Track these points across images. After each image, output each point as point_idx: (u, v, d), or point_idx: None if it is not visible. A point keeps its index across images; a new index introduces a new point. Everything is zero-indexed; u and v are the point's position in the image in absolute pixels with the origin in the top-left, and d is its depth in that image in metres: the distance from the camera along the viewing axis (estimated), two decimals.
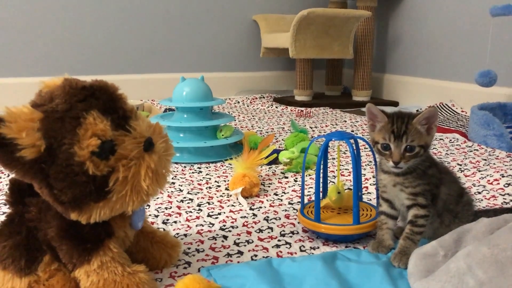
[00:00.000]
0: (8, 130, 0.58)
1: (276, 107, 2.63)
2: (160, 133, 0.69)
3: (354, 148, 0.91)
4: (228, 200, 1.15)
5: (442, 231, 0.85)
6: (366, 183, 1.27)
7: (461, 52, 2.43)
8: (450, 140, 1.74)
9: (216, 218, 1.03)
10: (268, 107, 2.66)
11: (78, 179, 0.61)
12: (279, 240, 0.92)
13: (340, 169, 1.40)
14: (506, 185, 1.21)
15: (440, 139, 1.76)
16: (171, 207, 1.09)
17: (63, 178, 0.61)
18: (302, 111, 2.45)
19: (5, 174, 1.36)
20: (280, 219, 1.03)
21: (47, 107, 0.62)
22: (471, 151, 1.58)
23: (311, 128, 2.04)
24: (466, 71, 2.39)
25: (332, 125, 2.12)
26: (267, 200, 1.15)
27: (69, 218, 0.65)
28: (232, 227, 0.98)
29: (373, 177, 1.31)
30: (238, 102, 2.81)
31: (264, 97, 2.94)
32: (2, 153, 0.59)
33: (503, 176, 1.26)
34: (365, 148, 1.64)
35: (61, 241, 0.67)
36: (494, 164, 1.40)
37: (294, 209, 1.09)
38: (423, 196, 0.82)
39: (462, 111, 2.35)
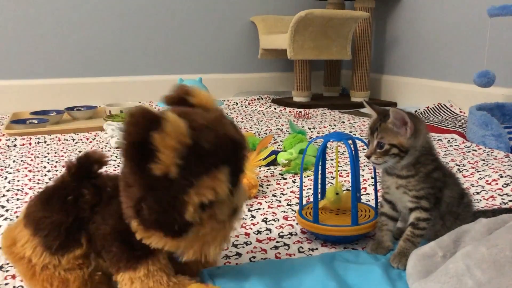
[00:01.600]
0: (159, 139, 0.56)
1: (275, 108, 2.63)
2: (246, 199, 0.70)
3: (353, 149, 0.91)
4: None
5: (443, 233, 0.84)
6: (364, 184, 1.27)
7: (459, 53, 2.43)
8: (449, 140, 1.74)
9: None
10: (267, 108, 2.66)
11: (171, 213, 0.60)
12: (277, 242, 0.92)
13: (339, 170, 1.40)
14: (505, 185, 1.21)
15: (439, 139, 1.76)
16: None
17: (161, 203, 0.59)
18: (300, 112, 2.45)
19: (8, 172, 1.35)
20: (278, 220, 1.03)
21: (197, 137, 0.59)
22: (469, 151, 1.58)
23: (310, 129, 2.04)
24: (464, 71, 2.39)
25: (331, 126, 2.12)
26: (265, 201, 1.15)
27: (128, 223, 0.63)
28: None
29: (372, 178, 1.31)
30: (237, 103, 2.81)
31: (262, 98, 2.94)
32: (135, 153, 0.57)
33: (501, 177, 1.26)
34: (363, 149, 1.64)
35: (113, 242, 0.65)
36: (492, 164, 1.40)
37: (292, 210, 1.09)
38: (427, 200, 0.81)
39: (461, 112, 2.35)
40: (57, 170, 1.41)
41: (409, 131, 0.80)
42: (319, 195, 0.97)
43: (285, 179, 1.34)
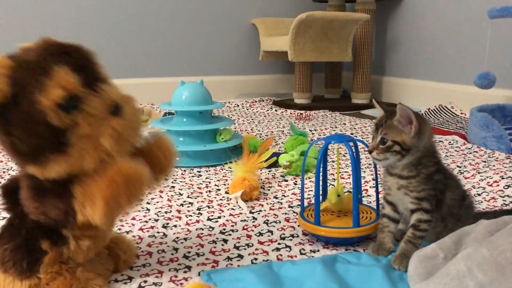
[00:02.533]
0: None
1: (276, 110, 2.64)
2: (132, 103, 0.68)
3: (354, 151, 0.91)
4: (228, 204, 1.15)
5: (445, 234, 0.84)
6: (365, 185, 1.27)
7: (460, 54, 2.44)
8: (450, 142, 1.74)
9: (216, 221, 1.03)
10: (268, 110, 2.66)
11: (37, 128, 0.61)
12: (279, 244, 0.92)
13: (340, 172, 1.40)
14: (506, 187, 1.21)
15: (440, 141, 1.77)
16: (171, 211, 1.09)
17: (23, 125, 0.61)
18: (301, 114, 2.46)
19: (3, 179, 1.36)
20: (280, 222, 1.03)
21: (20, 58, 0.63)
22: (470, 153, 1.58)
23: (311, 131, 2.04)
24: (465, 73, 2.40)
25: (332, 128, 2.12)
26: (267, 203, 1.15)
27: (26, 171, 0.64)
28: (232, 230, 0.98)
29: (373, 179, 1.31)
30: (238, 105, 2.81)
31: (263, 100, 2.94)
32: None
33: (502, 178, 1.26)
34: (364, 151, 1.64)
35: (42, 203, 0.65)
36: (493, 166, 1.40)
37: (294, 212, 1.09)
38: (428, 201, 0.82)
39: (462, 113, 2.35)
40: None
41: (413, 129, 0.80)
42: (321, 197, 0.97)
43: (286, 181, 1.34)
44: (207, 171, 1.43)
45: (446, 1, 2.49)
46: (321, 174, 0.94)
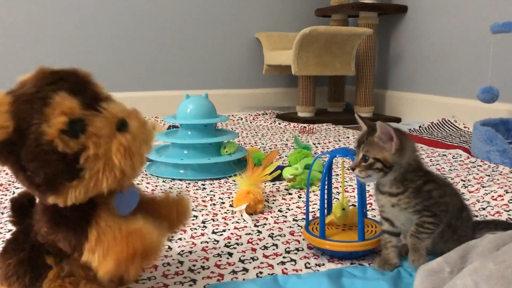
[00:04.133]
0: None
1: (279, 124, 2.65)
2: (137, 117, 0.68)
3: None
4: (233, 217, 1.15)
5: (441, 245, 0.85)
6: (370, 199, 1.27)
7: (463, 69, 2.45)
8: (453, 156, 1.74)
9: (221, 235, 1.03)
10: (271, 123, 2.67)
11: (48, 158, 0.61)
12: (284, 257, 0.92)
13: (345, 186, 1.40)
14: (511, 201, 1.21)
15: (443, 155, 1.77)
16: None
17: (34, 158, 0.61)
18: (305, 127, 2.47)
19: (10, 192, 1.36)
20: (285, 236, 1.03)
21: (17, 92, 0.63)
22: (474, 167, 1.58)
23: (314, 144, 2.05)
24: (468, 87, 2.40)
25: (335, 141, 2.12)
26: (271, 216, 1.15)
27: (47, 203, 0.64)
28: (237, 244, 0.98)
29: None
30: (241, 118, 2.82)
31: (267, 114, 2.96)
32: None
33: (507, 192, 1.26)
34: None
35: (54, 231, 0.66)
36: (497, 180, 1.40)
37: (298, 225, 1.09)
38: (428, 210, 0.81)
39: (465, 127, 2.35)
40: None
41: (394, 146, 0.80)
42: (326, 210, 0.97)
43: (290, 194, 1.34)
44: (211, 184, 1.44)
45: (449, 16, 2.51)
46: (326, 187, 0.94)
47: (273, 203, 1.26)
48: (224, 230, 1.06)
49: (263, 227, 1.08)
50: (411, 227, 0.83)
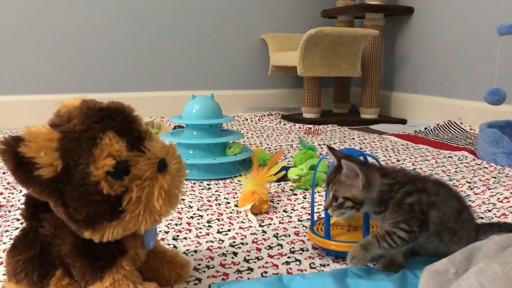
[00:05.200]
0: (27, 149, 0.60)
1: (284, 124, 2.65)
2: (174, 154, 0.70)
3: None
4: (238, 217, 1.15)
5: (442, 248, 0.84)
6: None
7: (470, 70, 2.44)
8: (459, 157, 1.74)
9: (226, 234, 1.04)
10: (276, 124, 2.67)
11: (92, 198, 0.63)
12: (289, 257, 0.92)
13: None
14: None
15: (449, 156, 1.76)
16: (181, 224, 1.10)
17: (78, 197, 0.62)
18: (310, 128, 2.47)
19: (17, 190, 1.37)
20: (289, 236, 1.03)
21: (65, 128, 0.64)
22: (480, 169, 1.58)
23: (320, 145, 2.05)
24: (475, 89, 2.40)
25: (341, 142, 2.12)
26: (276, 217, 1.16)
27: (82, 236, 0.66)
28: (242, 243, 0.99)
29: None
30: (247, 119, 2.83)
31: (272, 114, 2.96)
32: (21, 172, 0.61)
33: None
34: None
35: (75, 257, 0.68)
36: (504, 182, 1.39)
37: (303, 226, 1.09)
38: (406, 223, 0.80)
39: (471, 129, 2.35)
40: None
41: (361, 183, 0.78)
42: None
43: (295, 195, 1.34)
44: (216, 184, 1.44)
45: (455, 17, 2.50)
46: None
47: (278, 203, 1.26)
48: (229, 230, 1.06)
49: (268, 227, 1.08)
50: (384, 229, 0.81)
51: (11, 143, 0.60)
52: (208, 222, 1.12)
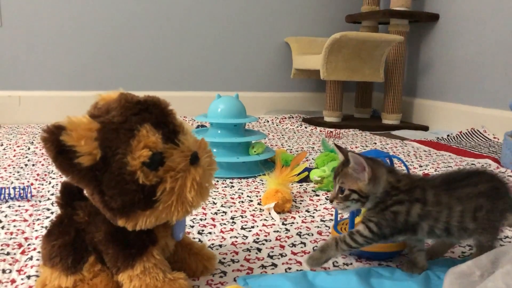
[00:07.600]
0: (68, 138, 0.62)
1: (305, 127, 2.66)
2: (205, 148, 0.73)
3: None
4: (261, 215, 1.17)
5: (453, 240, 0.87)
6: None
7: (494, 78, 2.42)
8: (482, 165, 1.73)
9: (250, 231, 1.06)
10: (297, 126, 2.68)
11: (128, 187, 0.65)
12: None
13: None
14: None
15: (472, 164, 1.75)
16: (205, 219, 1.12)
17: (115, 186, 0.65)
18: (331, 132, 2.47)
19: (46, 182, 1.41)
20: (312, 235, 1.04)
21: (104, 119, 0.67)
22: (504, 177, 1.56)
23: None
24: (499, 97, 2.37)
25: (362, 146, 2.12)
26: (299, 216, 1.17)
27: (115, 224, 0.68)
28: (266, 240, 1.00)
29: None
30: (268, 121, 2.85)
31: (293, 117, 2.97)
32: (61, 159, 0.63)
33: None
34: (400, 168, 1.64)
35: (108, 245, 0.70)
36: None
37: (326, 226, 1.10)
38: (377, 225, 0.79)
39: (494, 138, 2.32)
40: None
41: (367, 176, 0.79)
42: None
43: (317, 195, 1.35)
44: (239, 183, 1.46)
45: (480, 25, 2.48)
46: None
47: (301, 203, 1.28)
48: (252, 227, 1.08)
49: (291, 225, 1.10)
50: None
51: (53, 132, 0.63)
52: (232, 218, 1.14)
